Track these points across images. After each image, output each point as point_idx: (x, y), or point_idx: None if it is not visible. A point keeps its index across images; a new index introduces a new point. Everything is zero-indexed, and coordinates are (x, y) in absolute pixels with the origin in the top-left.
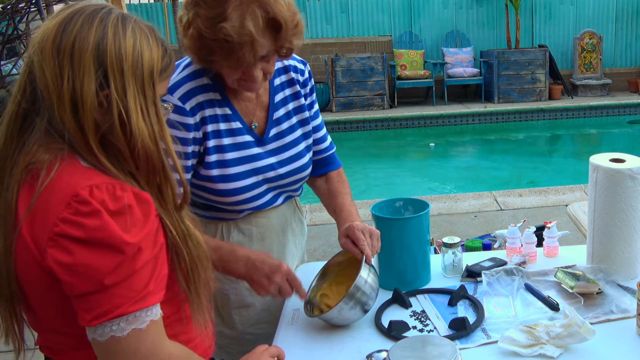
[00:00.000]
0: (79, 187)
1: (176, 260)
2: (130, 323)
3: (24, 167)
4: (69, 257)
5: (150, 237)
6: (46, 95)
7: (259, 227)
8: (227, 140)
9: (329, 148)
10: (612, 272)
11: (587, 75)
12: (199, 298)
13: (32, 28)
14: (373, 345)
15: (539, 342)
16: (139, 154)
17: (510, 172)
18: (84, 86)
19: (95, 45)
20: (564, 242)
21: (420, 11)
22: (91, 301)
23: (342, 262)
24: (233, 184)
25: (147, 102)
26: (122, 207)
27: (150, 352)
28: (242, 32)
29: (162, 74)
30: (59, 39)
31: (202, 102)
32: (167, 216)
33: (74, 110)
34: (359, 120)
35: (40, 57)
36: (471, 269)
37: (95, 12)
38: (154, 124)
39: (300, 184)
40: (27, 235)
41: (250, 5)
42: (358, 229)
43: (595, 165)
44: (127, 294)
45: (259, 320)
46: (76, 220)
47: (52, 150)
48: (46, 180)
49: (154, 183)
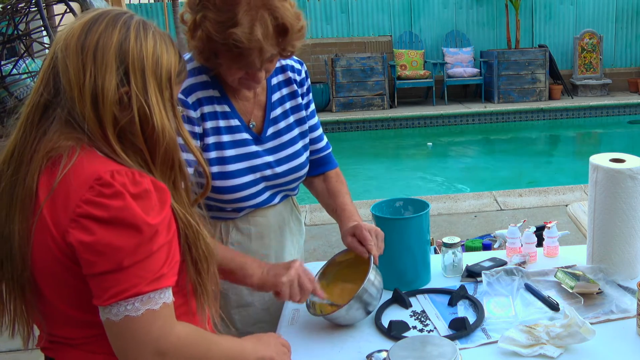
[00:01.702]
0: (100, 171)
1: (187, 250)
2: (145, 304)
3: (44, 153)
4: (90, 236)
5: (165, 222)
6: (68, 88)
7: (257, 227)
8: (226, 138)
9: (325, 148)
10: (612, 272)
11: (587, 75)
12: (206, 290)
13: (32, 28)
14: (373, 345)
15: (539, 342)
16: (160, 149)
17: (510, 172)
18: (105, 82)
19: (118, 45)
20: (564, 242)
21: (420, 11)
22: (109, 280)
23: (342, 262)
24: (231, 181)
25: (165, 101)
26: (142, 191)
27: (162, 334)
28: (252, 38)
29: (177, 77)
30: (84, 37)
31: (201, 98)
32: (180, 209)
33: (94, 104)
34: (359, 120)
35: (64, 53)
36: (471, 269)
37: (118, 16)
38: (171, 121)
39: (297, 183)
40: (48, 217)
41: (259, 10)
42: (365, 229)
43: (595, 165)
44: (143, 274)
45: (259, 319)
46: (100, 202)
47: (73, 139)
48: (68, 165)
49: (170, 178)
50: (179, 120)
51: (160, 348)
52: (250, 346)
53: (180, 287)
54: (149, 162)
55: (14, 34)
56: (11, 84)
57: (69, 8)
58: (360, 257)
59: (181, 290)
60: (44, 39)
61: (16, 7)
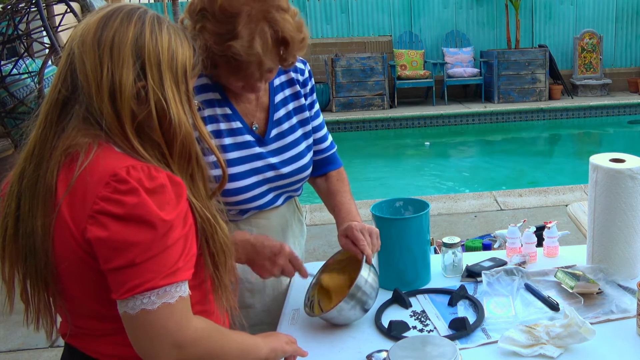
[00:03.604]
0: (116, 167)
1: (204, 244)
2: (161, 297)
3: (63, 150)
4: (107, 232)
5: (181, 216)
6: (85, 84)
7: (259, 228)
8: (228, 140)
9: (329, 148)
10: (612, 272)
11: (587, 75)
12: (224, 283)
13: (32, 28)
14: (373, 345)
15: (539, 342)
16: (177, 142)
17: (510, 172)
18: (122, 77)
19: (134, 40)
20: (564, 242)
21: (420, 11)
22: (125, 274)
23: (342, 260)
24: (234, 184)
25: (182, 94)
26: (157, 186)
27: (179, 327)
28: (250, 52)
29: (192, 71)
30: (100, 33)
31: (202, 101)
32: (197, 203)
33: (111, 99)
34: (359, 120)
35: (81, 49)
36: (471, 269)
37: (133, 11)
38: (188, 114)
39: (301, 184)
40: (67, 213)
41: (259, 23)
42: (357, 229)
43: (595, 165)
44: (158, 269)
45: (259, 321)
46: (115, 198)
47: (90, 136)
48: (85, 162)
49: (187, 171)
50: (195, 114)
51: (178, 341)
52: (261, 339)
53: (199, 281)
54: (166, 155)
55: (14, 34)
56: (11, 84)
57: (69, 8)
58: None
59: (200, 284)
60: (44, 39)
61: (16, 7)
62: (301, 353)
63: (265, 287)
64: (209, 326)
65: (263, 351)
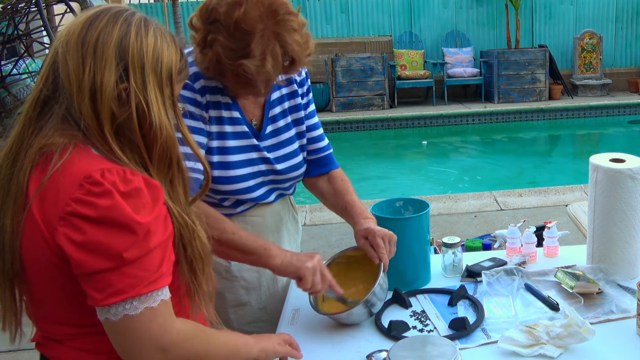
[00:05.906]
0: (91, 169)
1: (182, 251)
2: (143, 302)
3: (38, 149)
4: (81, 235)
5: (160, 221)
6: (67, 84)
7: (254, 226)
8: (228, 128)
9: (326, 148)
10: (612, 272)
11: (587, 75)
12: (201, 290)
13: (32, 28)
14: (373, 345)
15: (539, 342)
16: (157, 146)
17: (510, 172)
18: (104, 77)
19: (118, 41)
20: (564, 242)
21: (420, 11)
22: (104, 280)
23: (352, 256)
24: (232, 172)
25: (165, 98)
26: (132, 190)
27: (162, 330)
28: (261, 70)
29: (178, 75)
30: (84, 33)
31: (205, 86)
32: (176, 207)
33: (92, 99)
34: (359, 120)
35: (65, 48)
36: (471, 269)
37: (120, 13)
38: (171, 118)
39: (293, 182)
40: (37, 214)
41: (270, 41)
42: (379, 235)
43: (595, 165)
44: (141, 274)
45: (256, 319)
46: (88, 200)
47: (67, 136)
48: (59, 162)
49: (167, 175)
50: (180, 118)
51: (162, 344)
52: (252, 339)
53: (175, 287)
54: (145, 159)
55: (14, 34)
56: (11, 84)
57: (69, 8)
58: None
59: (176, 290)
60: (44, 39)
61: (16, 7)
62: (294, 354)
63: (260, 285)
64: (193, 328)
65: (253, 350)
